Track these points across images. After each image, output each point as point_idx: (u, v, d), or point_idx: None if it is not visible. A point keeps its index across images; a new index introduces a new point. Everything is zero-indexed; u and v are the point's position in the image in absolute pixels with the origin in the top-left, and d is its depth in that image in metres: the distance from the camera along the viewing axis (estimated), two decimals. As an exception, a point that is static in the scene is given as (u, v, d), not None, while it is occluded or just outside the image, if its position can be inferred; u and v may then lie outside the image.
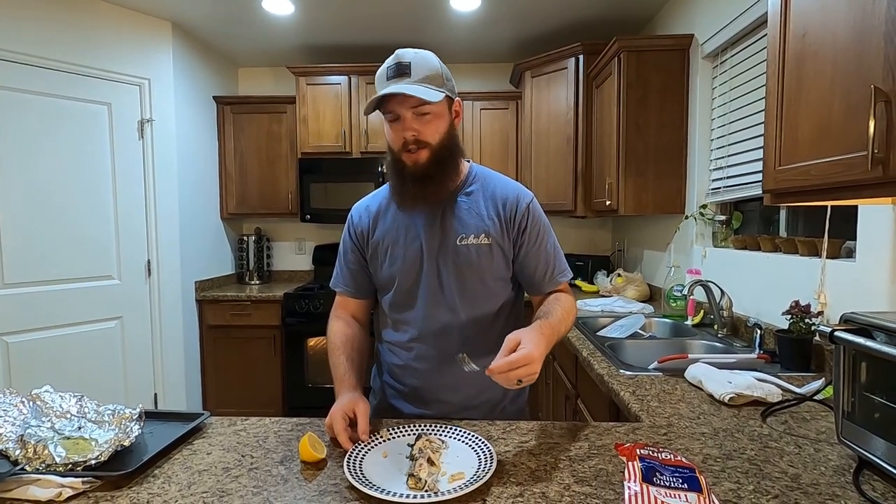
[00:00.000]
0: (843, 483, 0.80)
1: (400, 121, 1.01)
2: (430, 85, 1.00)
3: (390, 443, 0.93)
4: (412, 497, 0.74)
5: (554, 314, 1.03)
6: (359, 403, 0.96)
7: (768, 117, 1.11)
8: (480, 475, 0.78)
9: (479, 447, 0.89)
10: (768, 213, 2.00)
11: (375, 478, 0.80)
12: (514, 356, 0.83)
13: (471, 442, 0.91)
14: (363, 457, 0.87)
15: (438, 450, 0.88)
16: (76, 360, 2.52)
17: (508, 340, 0.88)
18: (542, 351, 0.88)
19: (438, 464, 0.83)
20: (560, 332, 1.02)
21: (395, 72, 1.00)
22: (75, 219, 2.51)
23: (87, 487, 0.78)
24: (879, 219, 1.27)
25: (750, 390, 1.15)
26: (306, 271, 3.73)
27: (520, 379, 0.84)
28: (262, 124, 3.37)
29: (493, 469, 0.80)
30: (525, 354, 0.83)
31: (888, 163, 0.79)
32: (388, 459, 0.87)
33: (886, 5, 0.79)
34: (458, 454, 0.88)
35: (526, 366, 0.83)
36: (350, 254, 1.18)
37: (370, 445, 0.91)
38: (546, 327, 0.96)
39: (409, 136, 1.01)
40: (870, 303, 1.28)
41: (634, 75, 2.36)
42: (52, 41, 2.41)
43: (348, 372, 1.08)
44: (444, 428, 0.96)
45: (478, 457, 0.86)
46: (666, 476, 0.76)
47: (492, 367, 0.84)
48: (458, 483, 0.77)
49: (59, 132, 2.45)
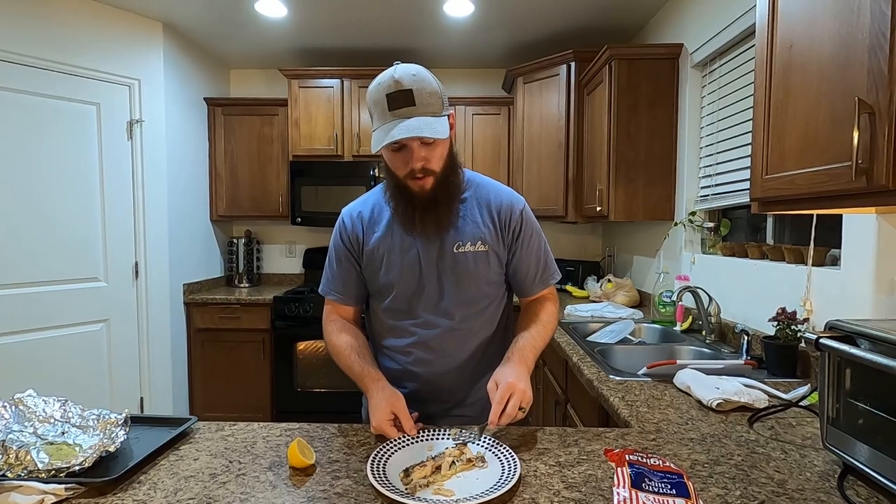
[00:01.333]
0: (828, 488, 0.81)
1: (406, 150, 1.01)
2: (434, 112, 0.99)
3: (441, 441, 0.95)
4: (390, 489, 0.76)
5: (523, 336, 1.11)
6: (395, 402, 0.98)
7: (756, 127, 1.13)
8: (460, 501, 0.74)
9: (506, 475, 0.81)
10: (756, 220, 2.03)
11: (398, 464, 0.86)
12: (499, 396, 0.94)
13: (508, 473, 0.82)
14: (404, 446, 0.92)
15: (469, 462, 0.86)
16: (60, 363, 2.48)
17: (489, 389, 0.98)
18: (518, 374, 0.98)
19: (448, 474, 0.83)
20: (537, 346, 1.10)
21: (399, 101, 0.97)
22: (62, 219, 2.48)
23: (71, 494, 0.76)
24: (863, 228, 1.29)
25: (737, 396, 1.16)
26: (296, 274, 3.71)
27: (519, 407, 0.94)
28: (254, 126, 3.35)
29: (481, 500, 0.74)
30: (504, 389, 0.94)
31: (871, 173, 0.81)
32: (432, 453, 0.90)
33: (870, 19, 0.81)
34: (479, 476, 0.83)
35: (512, 395, 0.94)
36: (343, 260, 1.17)
37: (419, 438, 0.96)
38: (516, 354, 1.06)
39: (418, 166, 1.00)
40: (854, 310, 1.30)
41: (625, 83, 2.38)
42: (40, 39, 2.38)
43: (365, 367, 1.08)
44: (502, 448, 0.90)
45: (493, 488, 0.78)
46: (654, 482, 0.77)
47: (492, 420, 0.93)
48: (439, 497, 0.76)
49: (46, 132, 2.42)
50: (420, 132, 0.96)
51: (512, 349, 1.08)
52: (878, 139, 0.79)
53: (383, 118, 0.99)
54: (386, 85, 0.98)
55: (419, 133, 0.95)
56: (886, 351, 0.76)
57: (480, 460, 0.87)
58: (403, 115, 0.97)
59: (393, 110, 0.98)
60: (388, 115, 0.98)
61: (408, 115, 0.97)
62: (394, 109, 0.97)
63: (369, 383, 1.05)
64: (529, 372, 1.03)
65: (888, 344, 0.76)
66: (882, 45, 0.78)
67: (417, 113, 0.97)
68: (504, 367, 1.02)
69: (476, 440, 0.94)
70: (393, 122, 0.97)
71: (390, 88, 0.98)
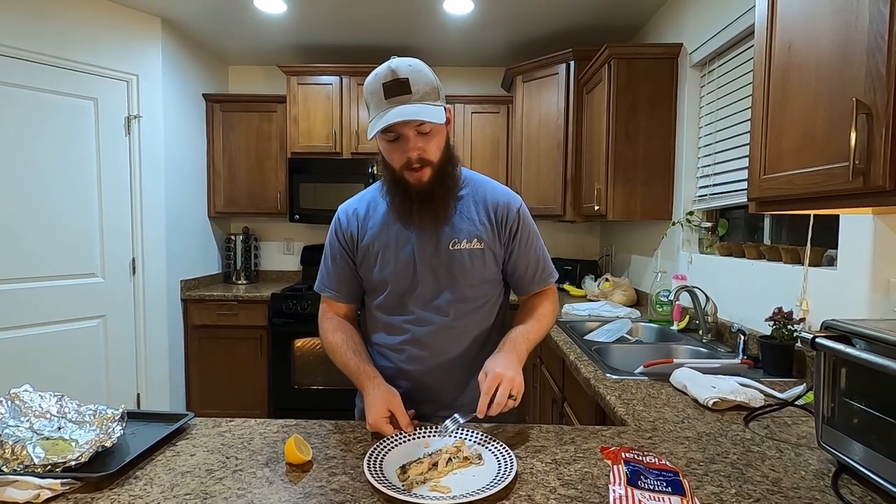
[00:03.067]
0: (823, 487, 0.81)
1: (402, 140, 1.00)
2: (430, 101, 0.99)
3: (438, 439, 0.95)
4: (387, 486, 0.77)
5: (517, 329, 1.11)
6: (391, 399, 0.99)
7: (754, 127, 1.13)
8: (457, 498, 0.75)
9: (502, 473, 0.81)
10: (753, 220, 2.03)
11: (394, 461, 0.86)
12: (486, 386, 0.94)
13: (504, 470, 0.82)
14: (401, 443, 0.93)
15: (466, 459, 0.86)
16: (57, 358, 2.47)
17: (479, 380, 0.97)
18: (507, 363, 0.98)
19: (444, 470, 0.83)
20: (530, 337, 1.10)
21: (395, 89, 0.97)
22: (59, 215, 2.47)
23: (67, 489, 0.76)
24: (860, 228, 1.29)
25: (733, 395, 1.17)
26: (294, 272, 3.70)
27: (510, 395, 0.94)
28: (252, 123, 3.34)
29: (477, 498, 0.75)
30: (492, 378, 0.94)
31: (868, 174, 0.81)
32: (428, 450, 0.91)
33: (869, 20, 0.81)
34: (475, 474, 0.83)
35: (500, 384, 0.93)
36: (338, 257, 1.17)
37: (416, 435, 0.96)
38: (507, 344, 1.05)
39: (414, 155, 1.00)
40: (850, 310, 1.31)
41: (624, 82, 2.39)
42: (38, 34, 2.37)
43: (361, 364, 1.08)
44: (499, 446, 0.91)
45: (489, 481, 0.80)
46: (650, 479, 0.77)
47: (480, 411, 0.93)
48: (436, 493, 0.77)
49: (43, 126, 2.41)
50: (416, 116, 0.96)
51: (504, 340, 1.08)
52: (875, 140, 0.80)
53: (379, 107, 0.99)
54: (382, 75, 0.99)
55: (415, 117, 0.96)
56: (882, 351, 0.76)
57: (477, 458, 0.87)
58: (399, 102, 0.97)
59: (389, 98, 0.98)
60: (384, 104, 0.98)
61: (403, 103, 0.97)
62: (390, 98, 0.98)
63: (365, 381, 1.05)
64: (521, 362, 1.03)
65: (883, 344, 0.76)
66: (880, 47, 0.78)
67: (413, 101, 0.98)
68: (494, 357, 1.02)
69: (458, 432, 0.96)
70: (389, 108, 0.97)
71: (387, 78, 0.98)
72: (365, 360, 1.10)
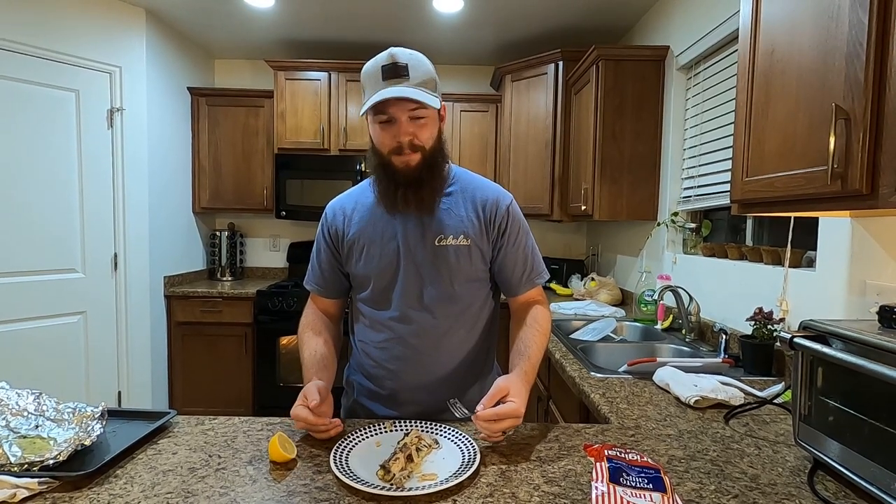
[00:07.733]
0: (799, 483, 0.83)
1: (394, 123, 1.00)
2: (427, 90, 0.99)
3: (386, 435, 0.95)
4: (379, 488, 0.76)
5: (533, 349, 1.06)
6: (311, 388, 0.94)
7: (737, 130, 1.15)
8: (450, 479, 0.78)
9: (468, 451, 0.88)
10: (736, 222, 2.07)
11: (357, 466, 0.83)
12: (503, 409, 0.88)
13: (463, 446, 0.90)
14: (355, 445, 0.91)
15: (428, 447, 0.88)
16: (35, 355, 2.42)
17: (497, 387, 0.92)
18: (525, 400, 0.94)
19: (419, 461, 0.84)
20: (537, 366, 1.06)
21: (393, 73, 0.97)
22: (38, 209, 2.41)
23: (45, 488, 0.75)
24: (838, 231, 1.32)
25: (714, 393, 1.19)
26: (280, 268, 3.67)
27: (504, 430, 0.90)
28: (239, 118, 3.30)
29: (468, 475, 0.79)
30: (513, 409, 0.89)
31: (846, 178, 0.83)
32: (381, 449, 0.90)
33: (848, 27, 0.83)
34: (444, 456, 0.87)
35: (512, 419, 0.89)
36: (323, 253, 1.17)
37: (365, 435, 0.94)
38: (531, 372, 1.02)
39: (405, 139, 1.00)
40: (828, 310, 1.34)
41: (612, 84, 2.41)
42: (17, 23, 2.31)
43: (312, 369, 1.07)
44: (441, 428, 0.97)
45: (462, 461, 0.85)
46: (632, 476, 0.78)
47: (479, 413, 0.88)
48: (427, 482, 0.78)
49: (22, 118, 2.35)
50: (412, 96, 0.96)
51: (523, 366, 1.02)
52: (853, 145, 0.82)
53: (376, 87, 0.98)
54: (382, 59, 0.99)
55: (411, 96, 0.95)
56: (857, 350, 0.78)
57: (434, 443, 0.91)
58: (396, 84, 0.97)
59: (386, 80, 0.97)
60: (380, 85, 0.98)
61: (400, 85, 0.97)
62: (387, 80, 0.97)
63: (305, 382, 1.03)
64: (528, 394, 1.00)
65: (859, 343, 0.78)
66: (859, 54, 0.80)
67: (411, 86, 0.98)
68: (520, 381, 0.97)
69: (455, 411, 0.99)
70: (385, 88, 0.97)
71: (386, 61, 0.98)
72: (317, 362, 1.07)
